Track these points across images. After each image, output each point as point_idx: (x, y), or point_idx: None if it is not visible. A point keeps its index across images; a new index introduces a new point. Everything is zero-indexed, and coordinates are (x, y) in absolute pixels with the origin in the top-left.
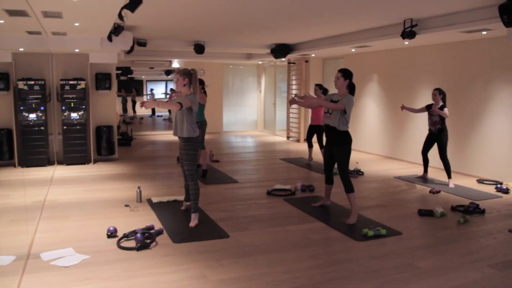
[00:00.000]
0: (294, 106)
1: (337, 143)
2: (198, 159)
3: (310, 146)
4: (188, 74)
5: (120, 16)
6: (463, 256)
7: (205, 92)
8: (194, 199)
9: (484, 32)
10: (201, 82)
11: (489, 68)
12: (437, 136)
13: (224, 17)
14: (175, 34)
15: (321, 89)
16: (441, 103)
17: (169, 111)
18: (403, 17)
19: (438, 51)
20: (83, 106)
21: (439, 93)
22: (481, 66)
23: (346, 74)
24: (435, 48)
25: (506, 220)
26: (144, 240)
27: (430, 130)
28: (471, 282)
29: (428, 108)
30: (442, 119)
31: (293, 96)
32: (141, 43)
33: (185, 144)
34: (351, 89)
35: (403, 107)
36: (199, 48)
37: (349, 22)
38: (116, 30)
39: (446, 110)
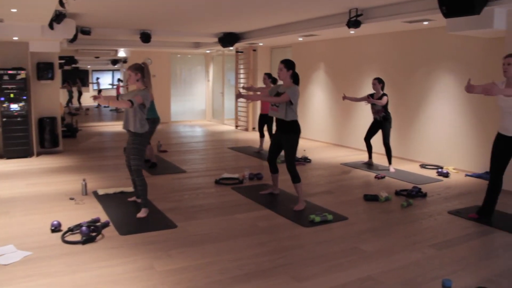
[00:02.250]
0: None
1: (286, 132)
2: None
3: (262, 136)
4: (139, 69)
5: (61, 2)
6: (405, 238)
7: None
8: (142, 194)
9: (425, 23)
10: None
11: (431, 58)
12: (381, 123)
13: (170, 5)
14: (121, 22)
15: (270, 78)
16: (381, 92)
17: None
18: (349, 7)
19: (383, 40)
20: (24, 97)
21: (378, 82)
22: (423, 55)
23: (288, 64)
24: (380, 37)
25: (446, 202)
26: (90, 233)
27: (375, 118)
28: (412, 262)
29: (370, 96)
30: (385, 107)
31: (240, 89)
32: (85, 31)
33: (133, 139)
34: (295, 79)
35: (344, 97)
36: (146, 37)
37: (296, 11)
38: (58, 17)
39: (384, 98)
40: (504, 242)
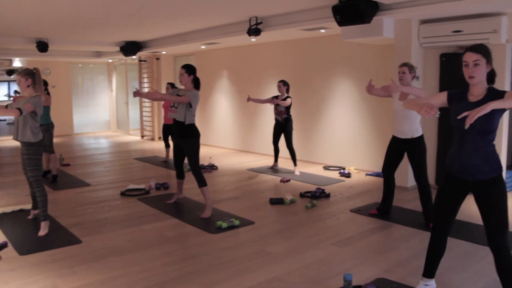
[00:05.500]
0: (147, 104)
1: (185, 137)
2: (48, 164)
3: (167, 146)
4: (30, 74)
5: None
6: (310, 238)
7: (48, 93)
8: (43, 206)
9: (322, 30)
10: (44, 83)
11: (329, 64)
12: (283, 125)
13: (67, 12)
14: (14, 30)
15: (173, 87)
16: (286, 94)
17: None
18: (249, 15)
19: (284, 47)
20: None
21: (283, 84)
22: (322, 61)
23: (189, 69)
24: (281, 44)
25: (348, 201)
26: None
27: (276, 119)
28: (316, 260)
29: (274, 98)
30: (288, 109)
31: (136, 89)
32: None
33: (27, 149)
34: (196, 83)
35: (249, 99)
36: (42, 46)
37: (198, 19)
38: None
39: (288, 100)
40: (400, 234)
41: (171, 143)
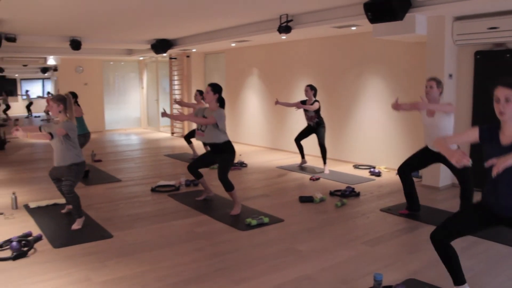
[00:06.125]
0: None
1: (221, 152)
2: None
3: (189, 142)
4: (62, 100)
5: None
6: (340, 237)
7: (78, 105)
8: (76, 209)
9: (353, 28)
10: (74, 95)
11: (359, 61)
12: (315, 129)
13: (100, 12)
14: (49, 29)
15: (201, 95)
16: (313, 99)
17: (47, 112)
18: (279, 13)
19: (314, 45)
20: None
21: (310, 88)
22: (353, 59)
23: (215, 88)
24: (311, 42)
25: (378, 200)
26: (21, 248)
27: (309, 124)
28: (346, 259)
29: (302, 103)
30: (318, 113)
31: (163, 110)
32: (9, 38)
33: (69, 170)
34: (221, 102)
35: (277, 102)
36: (76, 44)
37: (228, 17)
38: None
39: (316, 104)
40: None
41: (192, 140)
